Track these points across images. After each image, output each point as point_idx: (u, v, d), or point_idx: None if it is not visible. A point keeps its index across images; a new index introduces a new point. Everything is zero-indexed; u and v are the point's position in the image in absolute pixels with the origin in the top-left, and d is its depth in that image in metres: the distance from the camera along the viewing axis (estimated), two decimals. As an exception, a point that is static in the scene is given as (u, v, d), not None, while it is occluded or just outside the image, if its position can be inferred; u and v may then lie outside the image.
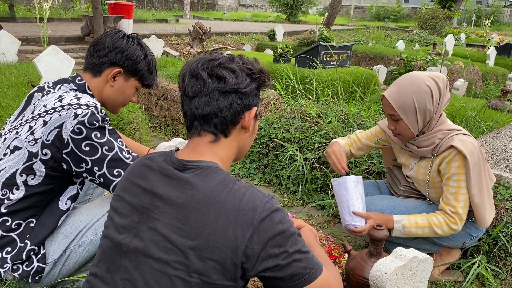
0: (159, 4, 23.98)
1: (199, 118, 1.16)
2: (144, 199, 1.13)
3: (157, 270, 1.05)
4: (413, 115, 1.94)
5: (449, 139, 1.93)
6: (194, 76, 1.15)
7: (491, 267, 2.14)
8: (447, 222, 1.92)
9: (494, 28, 25.25)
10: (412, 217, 1.98)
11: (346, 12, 34.00)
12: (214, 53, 1.23)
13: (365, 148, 2.36)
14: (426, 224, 1.94)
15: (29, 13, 13.66)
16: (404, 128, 1.98)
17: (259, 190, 1.11)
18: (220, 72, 1.14)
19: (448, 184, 1.93)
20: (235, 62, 1.17)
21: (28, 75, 4.43)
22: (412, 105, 1.92)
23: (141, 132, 3.66)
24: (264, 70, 1.22)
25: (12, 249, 1.52)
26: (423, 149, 2.02)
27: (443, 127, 1.99)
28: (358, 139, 2.36)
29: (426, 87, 1.91)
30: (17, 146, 1.56)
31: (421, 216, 1.97)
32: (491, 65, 9.27)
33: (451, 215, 1.92)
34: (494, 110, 4.42)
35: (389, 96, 1.96)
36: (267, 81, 1.23)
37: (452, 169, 1.91)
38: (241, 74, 1.16)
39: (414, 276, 1.47)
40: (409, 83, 1.94)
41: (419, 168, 2.08)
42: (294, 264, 1.08)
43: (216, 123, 1.16)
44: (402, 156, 2.19)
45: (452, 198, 1.92)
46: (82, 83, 1.71)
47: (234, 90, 1.15)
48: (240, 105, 1.17)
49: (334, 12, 14.92)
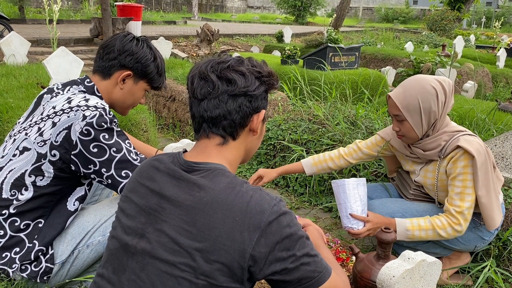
0: (167, 6, 24.10)
1: (208, 120, 1.16)
2: (152, 200, 1.13)
3: (164, 271, 1.05)
4: (417, 116, 1.93)
5: (455, 140, 1.92)
6: (203, 78, 1.15)
7: (501, 271, 2.12)
8: (450, 224, 1.90)
9: (504, 30, 25.05)
10: (414, 219, 1.96)
11: (354, 14, 33.92)
12: (223, 55, 1.22)
13: (365, 157, 2.35)
14: (429, 227, 1.92)
15: (39, 15, 13.80)
16: (409, 129, 1.98)
17: (267, 192, 1.11)
18: (230, 75, 1.13)
19: (453, 184, 1.91)
20: (245, 65, 1.17)
21: (38, 77, 4.46)
22: (417, 105, 1.91)
23: (149, 133, 3.67)
24: (272, 73, 1.21)
25: (20, 250, 1.53)
26: (429, 152, 2.00)
27: (448, 129, 1.98)
28: (359, 148, 2.34)
29: (432, 89, 1.91)
30: (26, 147, 1.57)
31: (424, 219, 1.95)
32: (501, 67, 9.19)
33: (455, 215, 1.89)
34: (504, 112, 4.39)
35: (394, 96, 1.97)
36: (275, 84, 1.22)
37: (458, 168, 1.89)
38: (250, 77, 1.15)
39: (423, 280, 1.46)
40: (415, 84, 1.94)
41: (426, 172, 2.06)
42: (302, 267, 1.07)
43: (225, 126, 1.16)
44: (407, 164, 2.18)
45: (457, 198, 1.90)
46: (91, 85, 1.72)
47: (244, 93, 1.14)
48: (249, 108, 1.16)
49: (342, 14, 14.90)
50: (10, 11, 13.38)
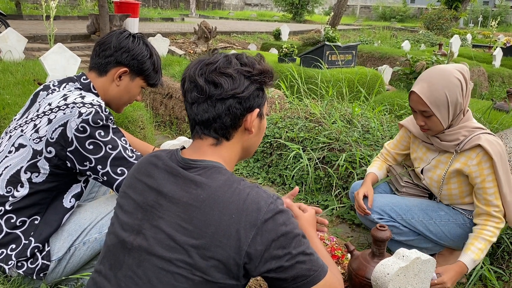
0: (165, 2, 24.02)
1: (199, 123, 1.16)
2: (149, 196, 1.13)
3: (160, 268, 1.05)
4: (445, 110, 1.91)
5: (475, 138, 1.92)
6: (192, 82, 1.15)
7: (494, 268, 2.14)
8: (495, 227, 1.92)
9: (501, 29, 25.09)
10: (471, 246, 1.91)
11: (352, 12, 33.91)
12: (215, 53, 1.20)
13: (398, 157, 2.35)
14: (486, 244, 1.91)
15: (35, 11, 13.73)
16: (436, 124, 1.94)
17: (264, 190, 1.11)
18: (216, 79, 1.12)
19: (484, 186, 1.91)
20: (232, 66, 1.14)
21: (35, 73, 4.45)
22: (445, 100, 1.89)
23: (145, 131, 3.67)
24: (265, 70, 1.18)
25: (16, 246, 1.53)
26: (446, 143, 1.99)
27: (469, 124, 1.97)
28: (388, 151, 2.36)
29: (457, 80, 1.89)
30: (21, 144, 1.57)
31: (476, 239, 1.92)
32: (497, 66, 9.22)
33: (495, 215, 1.91)
34: (500, 111, 4.41)
35: (420, 92, 1.91)
36: (268, 82, 1.20)
37: (484, 170, 1.90)
38: (238, 78, 1.13)
39: (417, 277, 1.47)
40: (440, 77, 1.90)
41: (438, 163, 2.06)
42: (298, 265, 1.07)
43: (216, 128, 1.15)
44: (420, 150, 2.17)
45: (493, 198, 1.91)
46: (87, 82, 1.72)
47: (231, 96, 1.12)
48: (239, 109, 1.15)
49: (340, 12, 14.88)
50: (7, 7, 13.31)
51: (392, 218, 2.08)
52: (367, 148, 3.04)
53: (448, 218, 2.06)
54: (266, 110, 1.23)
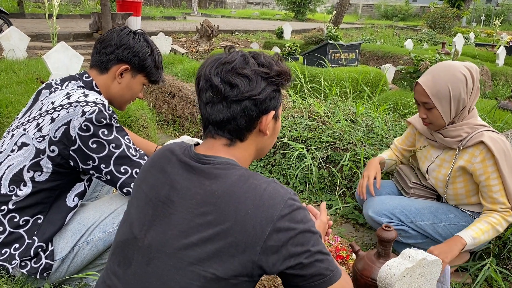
0: (167, 1, 24.01)
1: (213, 123, 1.13)
2: (161, 192, 1.11)
3: (171, 265, 1.03)
4: (447, 104, 1.91)
5: (477, 134, 1.91)
6: (207, 81, 1.11)
7: (500, 269, 2.12)
8: (503, 217, 1.92)
9: (503, 28, 25.00)
10: (473, 226, 1.93)
11: (354, 11, 33.86)
12: (232, 51, 1.15)
13: (405, 153, 2.37)
14: (488, 227, 1.91)
15: (38, 10, 13.73)
16: (437, 117, 1.95)
17: (282, 185, 1.08)
18: (233, 79, 1.08)
19: (489, 184, 1.91)
20: (250, 66, 1.10)
21: (37, 72, 4.44)
22: (447, 93, 1.90)
23: (148, 129, 3.67)
24: (282, 71, 1.14)
25: (20, 246, 1.52)
26: (448, 139, 1.99)
27: (472, 121, 1.97)
28: (396, 146, 2.39)
29: (462, 75, 1.89)
30: (24, 142, 1.57)
31: (479, 222, 1.94)
32: (501, 65, 9.18)
33: (504, 210, 1.92)
34: (504, 110, 4.38)
35: (424, 83, 1.93)
36: (286, 83, 1.16)
37: (488, 167, 1.90)
38: (255, 79, 1.10)
39: (423, 278, 1.46)
40: (445, 71, 1.92)
41: (442, 162, 2.06)
42: (317, 264, 1.06)
43: (230, 130, 1.12)
44: (424, 149, 2.17)
45: (499, 196, 1.91)
46: (89, 80, 1.71)
47: (247, 98, 1.09)
48: (255, 111, 1.11)
49: (342, 11, 14.86)
50: (9, 5, 13.32)
51: (402, 222, 2.07)
52: (371, 147, 3.02)
53: (457, 221, 2.05)
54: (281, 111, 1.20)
